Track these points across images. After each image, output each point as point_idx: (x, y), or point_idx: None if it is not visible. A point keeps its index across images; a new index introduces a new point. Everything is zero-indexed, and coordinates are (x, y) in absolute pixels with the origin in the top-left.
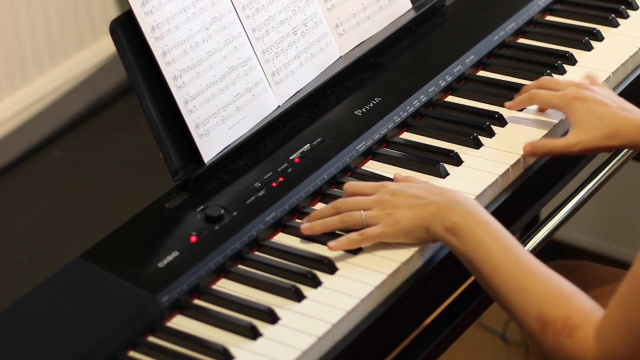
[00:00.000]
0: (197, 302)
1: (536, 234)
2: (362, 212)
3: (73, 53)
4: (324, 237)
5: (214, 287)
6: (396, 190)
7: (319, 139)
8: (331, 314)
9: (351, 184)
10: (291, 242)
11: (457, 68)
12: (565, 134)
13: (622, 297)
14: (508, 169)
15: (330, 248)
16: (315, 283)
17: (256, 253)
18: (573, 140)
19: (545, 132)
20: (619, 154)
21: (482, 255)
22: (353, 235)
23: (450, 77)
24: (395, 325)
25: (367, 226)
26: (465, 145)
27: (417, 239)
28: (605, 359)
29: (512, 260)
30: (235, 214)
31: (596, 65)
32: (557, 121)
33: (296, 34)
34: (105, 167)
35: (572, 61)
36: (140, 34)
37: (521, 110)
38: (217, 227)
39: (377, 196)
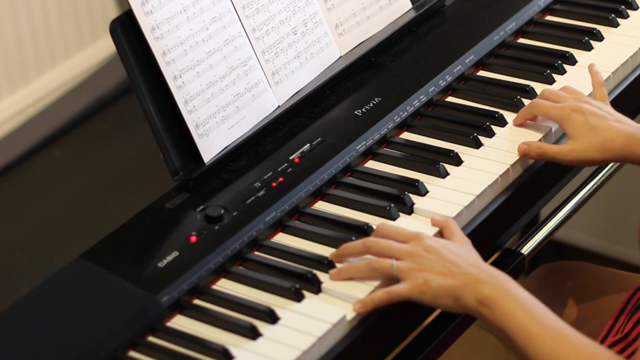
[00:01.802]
0: (197, 302)
1: (536, 234)
2: (394, 262)
3: (73, 53)
4: (326, 239)
5: (214, 287)
6: (431, 248)
7: (319, 139)
8: (331, 314)
9: (385, 226)
10: (291, 242)
11: (457, 68)
12: (560, 139)
13: None
14: (508, 169)
15: (355, 310)
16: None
17: (256, 253)
18: (567, 147)
19: (544, 133)
20: None
21: (515, 327)
22: (380, 294)
23: (450, 77)
24: (395, 325)
25: (395, 277)
26: (465, 145)
27: (443, 305)
28: None
29: (545, 330)
30: (235, 214)
31: (596, 65)
32: (557, 125)
33: (296, 34)
34: (105, 167)
35: (572, 61)
36: (140, 34)
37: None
38: (217, 227)
39: (411, 248)
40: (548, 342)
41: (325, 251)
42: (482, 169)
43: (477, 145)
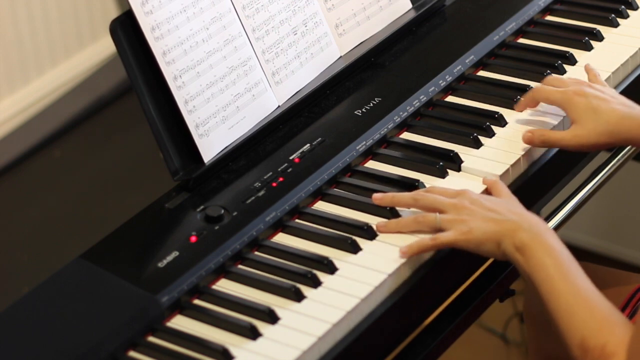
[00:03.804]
0: (197, 302)
1: None
2: (437, 215)
3: (73, 53)
4: (326, 239)
5: (214, 287)
6: (475, 200)
7: (319, 139)
8: (331, 314)
9: (433, 187)
10: (291, 242)
11: (457, 68)
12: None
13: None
14: (508, 169)
15: (402, 254)
16: (315, 283)
17: (256, 253)
18: (571, 133)
19: (548, 129)
20: (619, 154)
21: (542, 277)
22: (425, 239)
23: (450, 77)
24: (395, 325)
25: (440, 229)
26: (465, 145)
27: (486, 251)
28: None
29: (568, 285)
30: (235, 214)
31: (596, 65)
32: (556, 122)
33: (296, 34)
34: (105, 167)
35: (572, 61)
36: (140, 34)
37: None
38: (217, 227)
39: (456, 201)
40: (567, 298)
41: (325, 251)
42: (482, 169)
43: (477, 145)
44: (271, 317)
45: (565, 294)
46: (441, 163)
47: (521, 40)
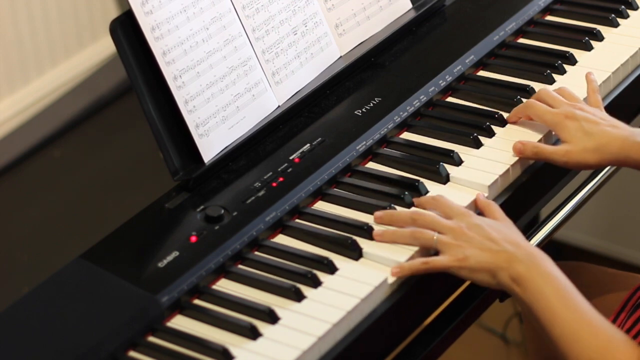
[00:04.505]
0: (197, 302)
1: (536, 234)
2: (435, 235)
3: (73, 53)
4: (326, 239)
5: (214, 287)
6: (474, 225)
7: (319, 139)
8: (331, 314)
9: (436, 198)
10: (291, 242)
11: (457, 68)
12: (557, 141)
13: None
14: (508, 169)
15: (393, 274)
16: (315, 283)
17: (256, 253)
18: (563, 149)
19: (544, 133)
20: None
21: (542, 306)
22: (417, 262)
23: (450, 77)
24: (395, 325)
25: (435, 249)
26: (465, 145)
27: (480, 280)
28: None
29: (570, 312)
30: (235, 214)
31: (596, 65)
32: None
33: (296, 34)
34: (105, 167)
35: (572, 61)
36: (140, 34)
37: None
38: (217, 227)
39: (454, 224)
40: (570, 324)
41: (325, 251)
42: (482, 169)
43: (477, 145)
44: (271, 317)
45: (569, 320)
46: (441, 163)
47: (521, 40)
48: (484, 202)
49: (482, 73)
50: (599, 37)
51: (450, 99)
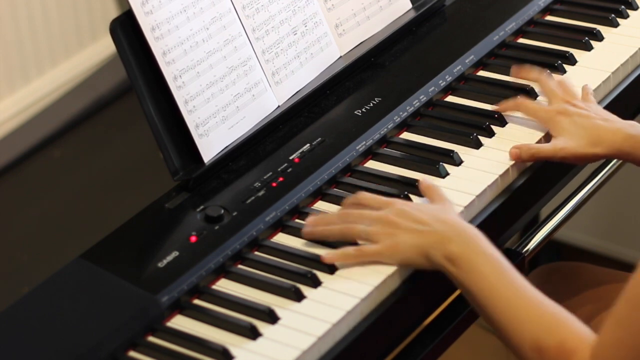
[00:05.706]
0: (197, 302)
1: (536, 234)
2: (364, 227)
3: (73, 53)
4: (324, 242)
5: (214, 287)
6: (401, 211)
7: (319, 139)
8: (331, 314)
9: (363, 194)
10: (291, 242)
11: (457, 68)
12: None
13: (619, 317)
14: (508, 169)
15: (323, 259)
16: (315, 283)
17: (256, 253)
18: (559, 145)
19: (544, 133)
20: None
21: (481, 286)
22: (349, 249)
23: (450, 77)
24: (395, 325)
25: (367, 242)
26: (465, 145)
27: (416, 264)
28: None
29: (511, 289)
30: (235, 214)
31: (596, 65)
32: None
33: (296, 34)
34: (105, 167)
35: (572, 61)
36: (140, 34)
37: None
38: (217, 227)
39: (382, 214)
40: (513, 302)
41: (326, 251)
42: (482, 169)
43: (477, 145)
44: (271, 317)
45: (511, 298)
46: (441, 163)
47: (521, 40)
48: (424, 184)
49: (482, 73)
50: (599, 37)
51: (450, 99)
